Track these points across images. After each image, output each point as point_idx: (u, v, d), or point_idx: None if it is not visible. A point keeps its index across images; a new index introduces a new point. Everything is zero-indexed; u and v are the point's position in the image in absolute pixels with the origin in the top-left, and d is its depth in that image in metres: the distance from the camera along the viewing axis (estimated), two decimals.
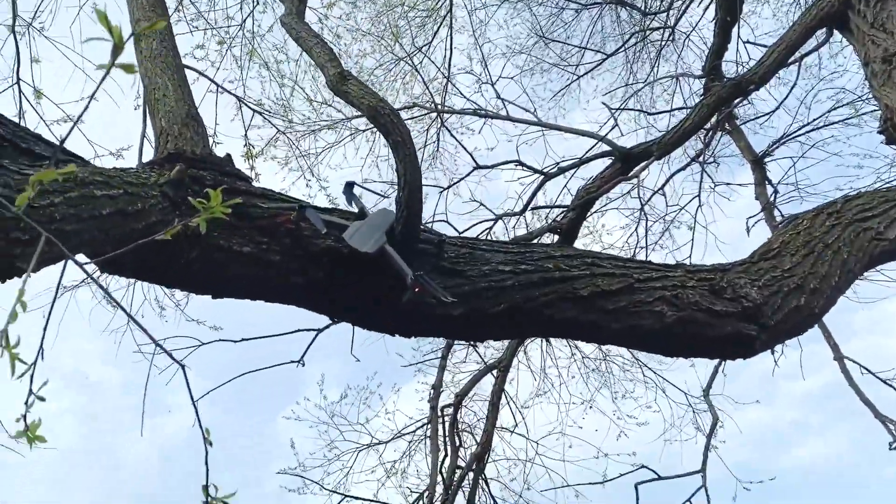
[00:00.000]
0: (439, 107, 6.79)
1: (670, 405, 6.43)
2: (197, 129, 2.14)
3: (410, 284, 1.98)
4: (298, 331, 4.91)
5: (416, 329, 2.25)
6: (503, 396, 6.04)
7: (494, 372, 5.91)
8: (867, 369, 6.45)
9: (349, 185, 2.28)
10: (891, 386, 6.27)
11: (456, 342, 5.54)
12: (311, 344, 4.83)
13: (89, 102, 1.25)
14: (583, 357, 7.32)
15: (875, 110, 7.21)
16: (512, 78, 6.93)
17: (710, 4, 7.64)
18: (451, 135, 6.34)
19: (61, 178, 1.33)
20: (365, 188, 2.47)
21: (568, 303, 2.30)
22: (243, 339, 4.80)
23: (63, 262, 1.48)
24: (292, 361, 4.82)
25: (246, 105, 5.16)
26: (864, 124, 7.42)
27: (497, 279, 2.25)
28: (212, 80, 4.74)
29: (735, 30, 7.54)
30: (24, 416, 0.89)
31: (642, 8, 6.86)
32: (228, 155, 2.08)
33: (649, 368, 6.57)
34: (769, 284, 2.67)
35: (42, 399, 0.89)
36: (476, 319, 2.23)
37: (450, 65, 7.14)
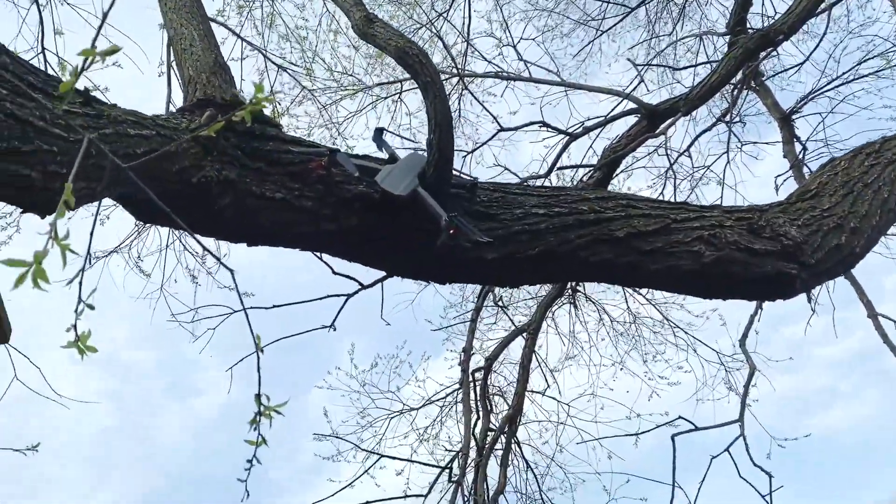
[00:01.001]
0: (461, 71, 6.72)
1: (702, 364, 6.38)
2: (225, 77, 2.13)
3: (444, 226, 1.95)
4: (329, 296, 4.92)
5: (450, 274, 2.24)
6: (533, 359, 6.03)
7: (524, 335, 5.89)
8: None
9: (379, 131, 2.26)
10: None
11: (484, 305, 5.54)
12: (341, 308, 4.84)
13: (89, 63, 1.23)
14: (612, 320, 7.29)
15: None
16: (533, 39, 6.84)
17: None
18: (475, 97, 6.27)
19: (87, 110, 1.32)
20: (396, 134, 2.44)
21: (603, 244, 2.27)
22: (274, 306, 4.82)
23: (99, 199, 1.48)
24: (324, 327, 4.84)
25: (270, 61, 5.14)
26: None
27: (531, 222, 2.22)
28: (236, 34, 4.72)
29: None
30: (75, 326, 0.89)
31: None
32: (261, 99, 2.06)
33: (680, 328, 6.52)
34: (808, 224, 2.61)
35: (91, 307, 0.88)
36: (510, 263, 2.21)
37: (469, 30, 7.04)
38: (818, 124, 7.32)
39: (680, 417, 4.04)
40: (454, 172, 2.26)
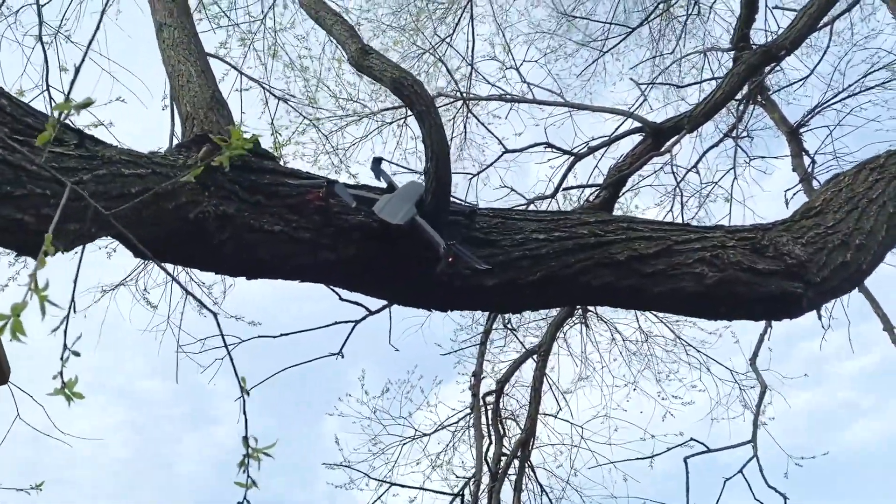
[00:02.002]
0: (465, 94, 6.75)
1: (716, 383, 6.31)
2: (222, 113, 2.15)
3: (443, 254, 1.95)
4: (336, 323, 4.93)
5: (450, 302, 2.23)
6: (545, 382, 5.99)
7: (534, 357, 5.86)
8: None
9: (377, 161, 2.26)
10: None
11: (494, 327, 5.52)
12: (349, 335, 4.84)
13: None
14: (623, 340, 7.23)
15: None
16: (536, 61, 6.88)
17: None
18: (479, 121, 6.30)
19: (81, 151, 1.33)
20: (394, 163, 2.45)
21: (605, 268, 2.26)
22: (282, 335, 4.83)
23: (95, 239, 1.49)
24: (332, 354, 4.83)
25: (271, 93, 5.18)
26: None
27: (531, 247, 2.22)
28: (237, 69, 4.77)
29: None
30: (61, 373, 0.89)
31: None
32: (256, 137, 2.08)
33: (693, 347, 6.46)
34: (813, 241, 2.59)
35: (77, 354, 0.88)
36: (511, 289, 2.20)
37: (473, 53, 7.10)
38: (826, 137, 7.29)
39: (692, 440, 3.99)
40: (453, 199, 2.26)
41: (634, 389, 6.64)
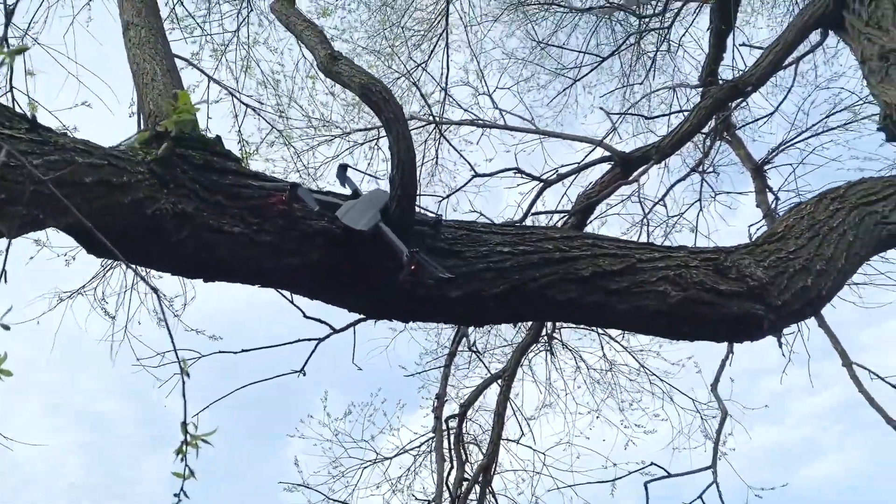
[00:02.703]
0: (437, 119, 6.78)
1: (678, 412, 6.33)
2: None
3: (406, 262, 1.93)
4: (299, 341, 4.84)
5: (413, 312, 2.20)
6: (508, 407, 5.95)
7: (499, 382, 5.82)
8: (876, 374, 6.35)
9: (342, 168, 2.24)
10: None
11: (459, 350, 5.47)
12: (312, 353, 4.75)
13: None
14: (588, 368, 7.24)
15: (874, 114, 7.19)
16: (509, 88, 6.94)
17: (699, 9, 7.65)
18: (450, 145, 6.32)
19: (32, 136, 1.28)
20: (361, 171, 2.43)
21: (569, 283, 2.25)
22: (243, 351, 4.73)
23: (44, 227, 1.44)
24: (293, 371, 4.74)
25: (241, 101, 5.14)
26: (863, 127, 7.39)
27: (495, 260, 2.20)
28: (206, 74, 4.72)
29: (730, 38, 7.55)
30: None
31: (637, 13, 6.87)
32: (218, 136, 2.04)
33: (656, 376, 6.48)
34: (774, 265, 2.61)
35: (6, 328, 0.84)
36: (475, 301, 2.17)
37: (447, 79, 7.15)
38: (789, 175, 7.47)
39: (653, 464, 3.98)
40: (419, 210, 2.24)
41: (598, 417, 6.63)
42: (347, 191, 2.21)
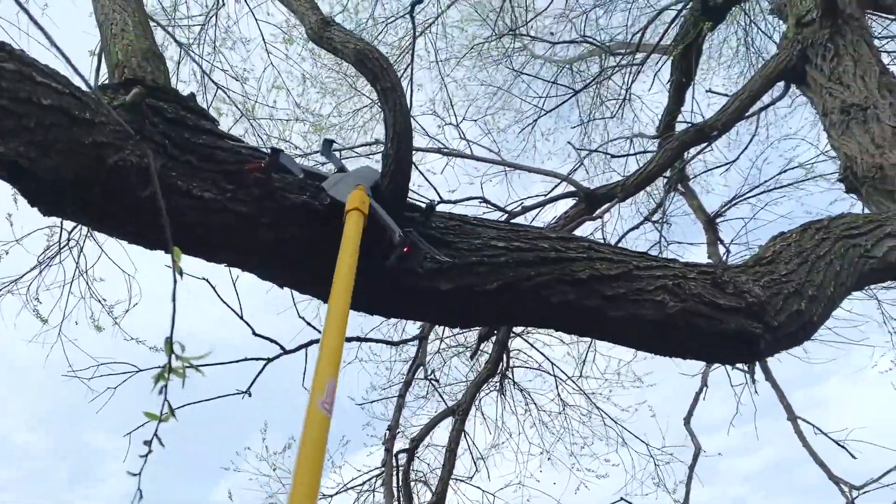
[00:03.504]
0: None
1: (631, 457, 6.18)
2: (159, 67, 1.89)
3: (398, 243, 1.73)
4: (246, 360, 4.51)
5: (397, 304, 1.99)
6: (461, 444, 5.70)
7: (453, 417, 5.58)
8: (820, 429, 6.38)
9: (328, 143, 2.04)
10: (843, 447, 6.20)
11: (415, 379, 5.23)
12: (259, 373, 4.44)
13: None
14: (538, 409, 7.08)
15: (828, 173, 7.38)
16: (475, 120, 6.88)
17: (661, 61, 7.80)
18: (416, 167, 6.17)
19: None
20: (349, 148, 2.23)
21: (565, 285, 2.08)
22: (187, 367, 4.39)
23: None
24: (238, 392, 4.41)
25: (209, 77, 4.88)
26: (815, 185, 7.57)
27: (489, 254, 2.02)
28: (176, 40, 4.46)
29: (689, 91, 7.70)
30: None
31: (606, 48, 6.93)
32: (193, 94, 1.83)
33: (611, 418, 6.34)
34: (769, 286, 2.51)
35: None
36: (466, 297, 1.98)
37: (410, 104, 7.04)
38: (741, 228, 7.59)
39: (623, 499, 3.79)
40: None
41: (549, 459, 6.44)
42: (333, 168, 2.01)
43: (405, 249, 1.74)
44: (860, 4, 6.05)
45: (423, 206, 1.99)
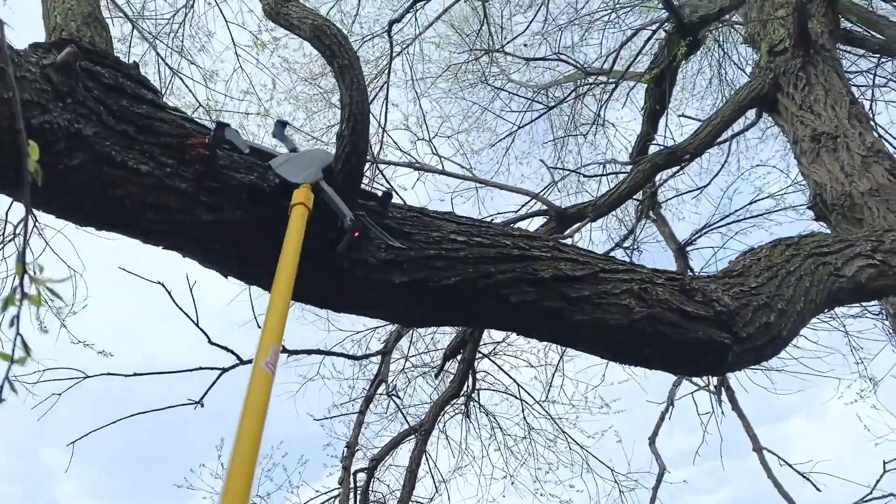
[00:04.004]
0: (375, 158, 6.56)
1: (596, 482, 6.06)
2: (101, 33, 1.77)
3: (348, 227, 1.62)
4: (200, 369, 4.33)
5: (347, 298, 1.86)
6: (422, 465, 5.53)
7: (415, 436, 5.42)
8: (785, 461, 6.34)
9: (281, 124, 1.93)
10: (807, 479, 6.16)
11: (379, 393, 5.07)
12: (214, 383, 4.26)
13: None
14: (504, 434, 6.95)
15: (798, 204, 7.44)
16: (448, 137, 6.82)
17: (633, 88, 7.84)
18: (387, 180, 6.08)
19: None
20: (302, 131, 2.12)
21: (526, 284, 1.98)
22: (136, 374, 4.19)
23: None
24: (190, 402, 4.22)
25: (164, 62, 4.72)
26: (785, 215, 7.61)
27: (448, 248, 1.91)
28: (130, 19, 4.31)
29: (663, 119, 7.73)
30: None
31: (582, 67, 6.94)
32: (136, 63, 1.71)
33: (576, 443, 6.23)
34: (739, 297, 2.43)
35: None
36: (421, 293, 1.87)
37: (385, 118, 6.97)
38: (711, 257, 7.59)
39: None
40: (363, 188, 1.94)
41: (512, 484, 6.29)
42: (285, 150, 1.90)
43: (356, 234, 1.63)
44: (832, 36, 6.13)
45: (380, 194, 1.89)
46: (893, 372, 6.43)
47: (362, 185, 1.89)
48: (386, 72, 7.51)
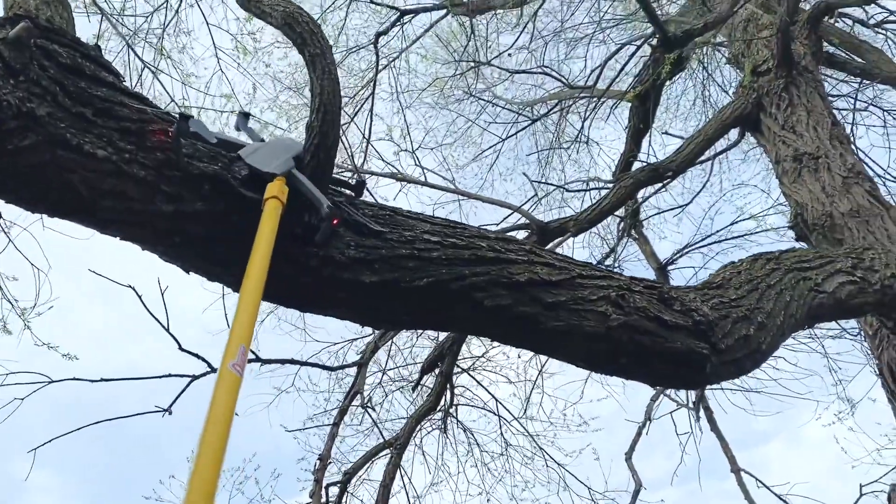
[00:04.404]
0: (358, 168, 6.50)
1: (572, 499, 5.98)
2: (61, 13, 1.70)
3: (326, 214, 1.55)
4: (170, 376, 4.22)
5: (313, 296, 1.79)
6: (397, 479, 5.43)
7: (391, 450, 5.32)
8: (763, 483, 6.31)
9: (244, 116, 1.86)
10: (785, 501, 6.13)
11: (353, 405, 4.97)
12: (183, 390, 4.14)
13: None
14: (481, 450, 6.87)
15: (778, 227, 7.46)
16: (432, 149, 6.78)
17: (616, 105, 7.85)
18: (369, 192, 6.02)
19: None
20: (272, 124, 2.05)
21: (501, 288, 1.91)
22: (103, 380, 4.07)
23: None
24: (158, 410, 4.10)
25: (134, 52, 4.62)
26: (765, 236, 7.62)
27: (421, 248, 1.85)
28: (102, 11, 4.21)
29: (646, 139, 7.74)
30: None
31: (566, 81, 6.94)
32: (98, 45, 1.64)
33: (554, 461, 6.15)
34: (718, 308, 2.38)
35: None
36: (392, 293, 1.80)
37: (370, 131, 6.92)
38: (692, 277, 7.59)
39: None
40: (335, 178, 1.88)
41: (488, 501, 6.19)
42: (249, 142, 1.83)
43: (334, 222, 1.56)
44: (815, 58, 6.17)
45: (353, 183, 1.82)
46: (871, 394, 6.42)
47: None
48: (372, 84, 7.49)
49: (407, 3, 8.27)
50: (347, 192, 1.81)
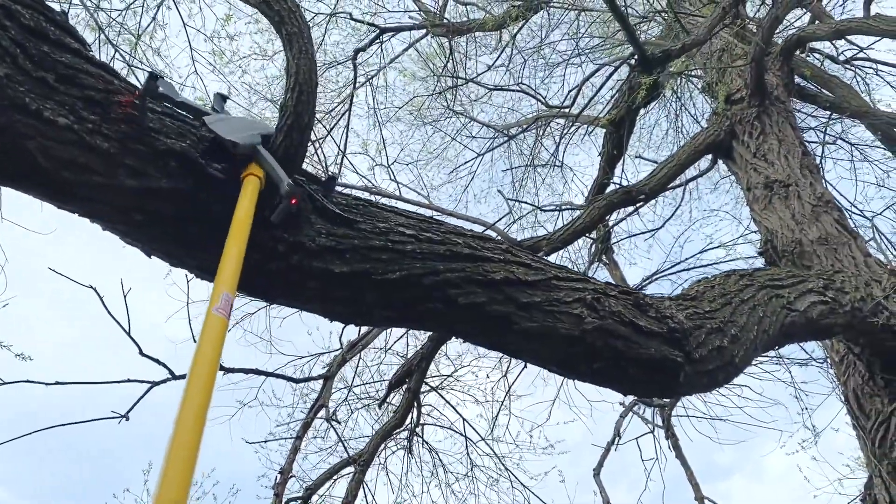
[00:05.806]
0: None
1: None
2: None
3: (285, 193, 1.49)
4: (129, 381, 4.07)
5: (281, 285, 1.71)
6: (360, 497, 5.29)
7: (355, 466, 5.19)
8: None
9: (220, 97, 1.80)
10: None
11: (318, 417, 4.84)
12: (142, 397, 3.99)
13: None
14: (445, 470, 6.76)
15: (748, 256, 7.52)
16: (408, 164, 6.75)
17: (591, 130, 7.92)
18: None
19: None
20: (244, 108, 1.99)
21: (476, 286, 1.86)
22: (58, 383, 3.91)
23: None
24: (115, 415, 3.94)
25: (110, 42, 4.51)
26: (735, 265, 7.67)
27: (395, 240, 1.79)
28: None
29: (619, 165, 7.81)
30: None
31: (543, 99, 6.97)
32: (64, 11, 1.57)
33: (520, 482, 6.06)
34: (693, 318, 2.35)
35: None
36: (363, 285, 1.73)
37: (346, 143, 6.87)
38: None
39: None
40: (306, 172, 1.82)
41: None
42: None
43: (293, 202, 1.50)
44: (787, 89, 6.29)
45: (324, 176, 1.76)
46: (834, 424, 6.46)
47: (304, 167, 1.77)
48: (349, 99, 7.46)
49: (387, 21, 8.30)
50: (315, 187, 1.75)
